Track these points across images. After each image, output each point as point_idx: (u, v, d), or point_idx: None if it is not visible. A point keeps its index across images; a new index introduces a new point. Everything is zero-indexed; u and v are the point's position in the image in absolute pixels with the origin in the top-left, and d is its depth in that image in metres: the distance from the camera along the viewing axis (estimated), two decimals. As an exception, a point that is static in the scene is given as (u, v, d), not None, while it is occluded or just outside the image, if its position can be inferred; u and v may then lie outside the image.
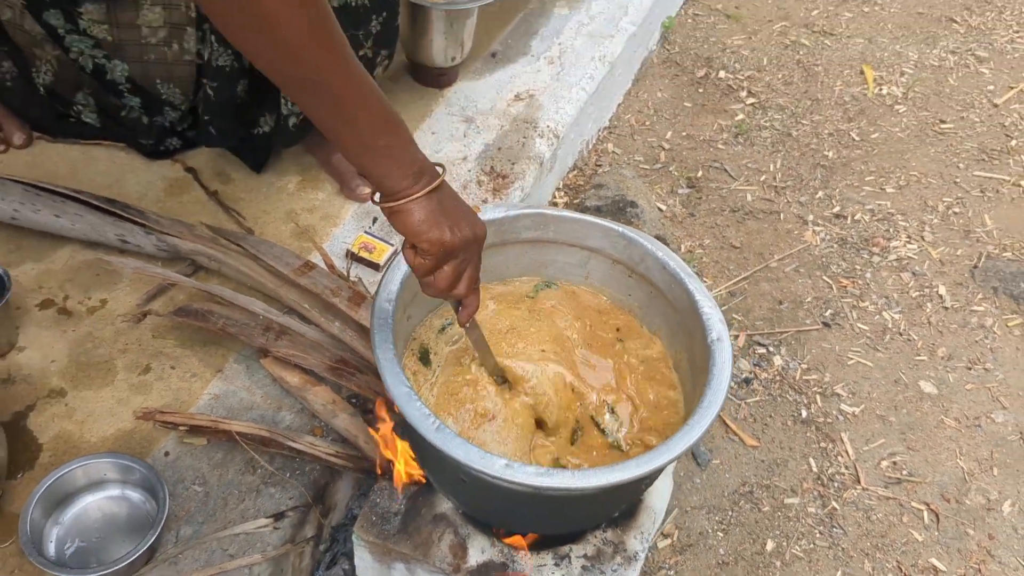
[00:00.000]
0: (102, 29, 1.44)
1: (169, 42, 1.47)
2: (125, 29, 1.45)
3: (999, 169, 2.03)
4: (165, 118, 1.57)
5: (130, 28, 1.45)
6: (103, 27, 1.44)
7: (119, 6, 1.43)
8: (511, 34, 1.89)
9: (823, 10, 2.39)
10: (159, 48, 1.48)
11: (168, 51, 1.48)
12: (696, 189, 1.91)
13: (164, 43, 1.47)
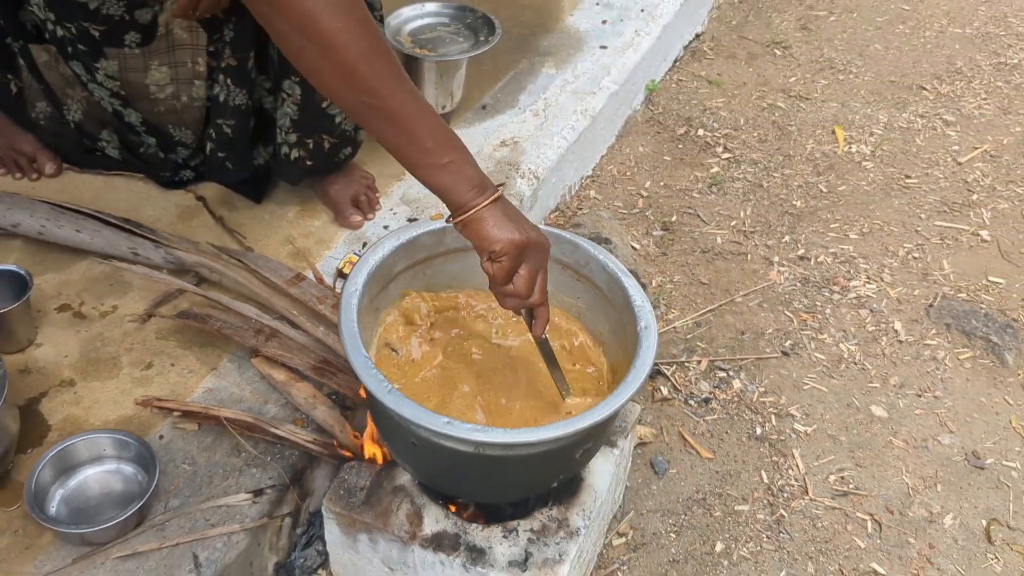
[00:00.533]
0: (115, 84, 1.60)
1: (178, 95, 1.63)
2: (135, 86, 1.60)
3: (959, 220, 2.16)
4: (178, 156, 1.75)
5: (139, 87, 1.60)
6: (115, 82, 1.60)
7: (128, 65, 1.58)
8: (501, 90, 2.07)
9: (800, 77, 2.56)
10: (168, 101, 1.63)
11: (177, 103, 1.64)
12: (670, 232, 2.06)
13: (173, 96, 1.63)
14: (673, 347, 1.82)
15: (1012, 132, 2.44)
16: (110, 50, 1.56)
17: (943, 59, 2.70)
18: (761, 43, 2.68)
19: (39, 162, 1.75)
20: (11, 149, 1.75)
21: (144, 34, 1.54)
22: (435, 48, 1.83)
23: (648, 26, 2.33)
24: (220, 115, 1.61)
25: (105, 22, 1.51)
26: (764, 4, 2.85)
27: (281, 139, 1.62)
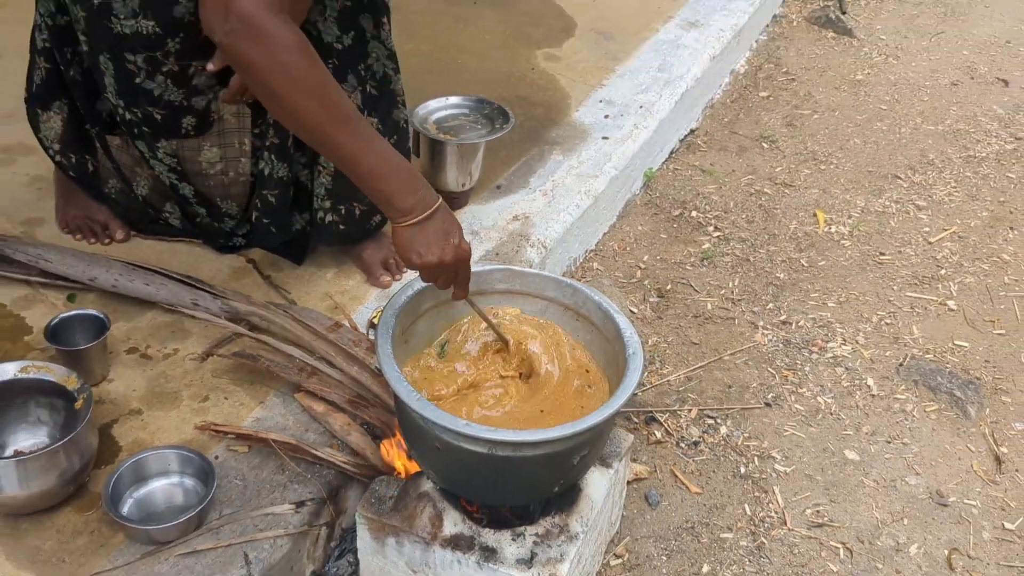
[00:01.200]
0: (172, 161, 1.86)
1: (226, 172, 1.89)
2: (189, 163, 1.86)
3: (929, 291, 2.38)
4: (225, 225, 2.00)
5: (193, 163, 1.86)
6: (173, 159, 1.86)
7: (184, 147, 1.84)
8: (514, 172, 2.33)
9: (785, 167, 2.82)
10: (217, 176, 1.89)
11: (225, 178, 1.90)
12: (664, 298, 2.29)
13: (222, 173, 1.89)
14: (667, 397, 2.02)
15: (979, 216, 2.68)
16: (168, 139, 1.82)
17: (917, 152, 2.96)
18: (751, 138, 2.96)
19: (111, 229, 2.01)
20: (87, 218, 2.01)
21: (199, 118, 1.80)
22: (457, 134, 2.10)
23: (646, 120, 2.61)
24: (265, 187, 1.87)
25: (166, 107, 1.77)
26: (754, 104, 3.14)
27: (318, 205, 1.88)
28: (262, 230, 1.91)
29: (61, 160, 1.94)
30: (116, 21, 1.65)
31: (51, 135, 1.92)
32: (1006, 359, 2.19)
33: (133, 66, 1.69)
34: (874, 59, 3.51)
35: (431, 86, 2.31)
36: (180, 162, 1.84)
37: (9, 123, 2.32)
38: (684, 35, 3.08)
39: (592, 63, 2.86)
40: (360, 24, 1.77)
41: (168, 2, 1.62)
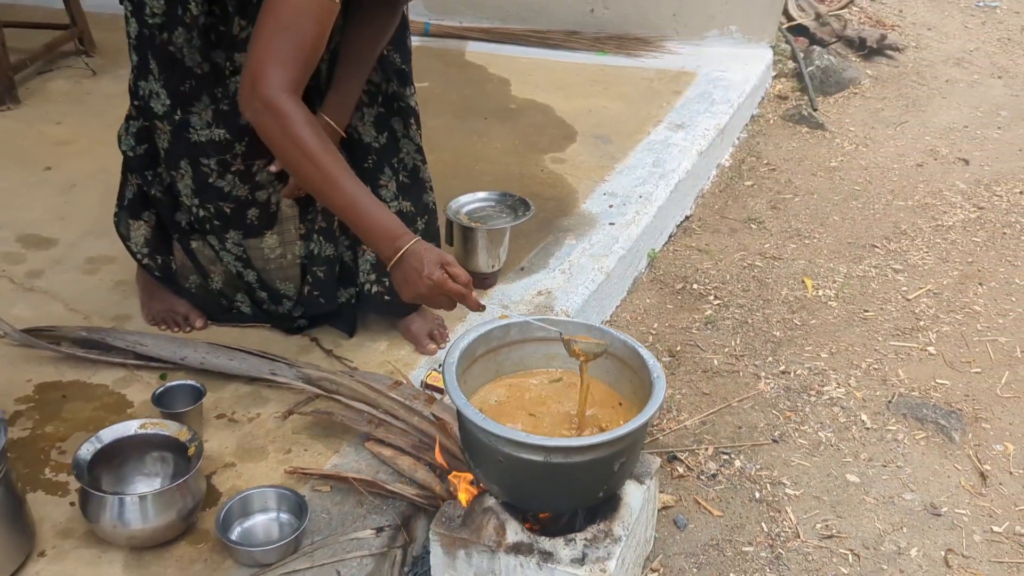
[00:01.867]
0: (239, 250, 2.19)
1: (284, 255, 2.22)
2: (254, 250, 2.20)
3: (910, 340, 2.67)
4: (284, 307, 2.30)
5: (257, 250, 2.20)
6: (239, 248, 2.19)
7: (248, 240, 2.19)
8: (535, 256, 2.65)
9: (773, 244, 3.15)
10: (277, 260, 2.22)
11: (283, 261, 2.23)
12: (675, 358, 2.57)
13: (280, 256, 2.22)
14: (685, 439, 2.28)
15: (950, 275, 2.99)
16: (235, 230, 2.15)
17: (890, 224, 3.30)
18: (740, 220, 3.30)
19: (191, 319, 2.31)
20: (170, 311, 2.31)
21: (261, 210, 2.14)
22: (485, 222, 2.43)
23: (646, 208, 2.95)
24: (315, 264, 2.19)
25: (235, 201, 2.11)
26: (740, 192, 3.50)
27: (364, 279, 2.20)
28: (312, 301, 2.22)
29: (148, 262, 2.26)
30: (194, 132, 2.01)
31: (140, 241, 2.24)
32: (983, 392, 2.46)
33: (207, 168, 2.04)
34: (846, 148, 3.89)
35: (455, 188, 2.64)
36: (246, 250, 2.17)
37: (90, 239, 2.65)
38: (673, 135, 3.46)
39: (594, 163, 3.22)
40: (392, 126, 2.14)
41: (236, 114, 1.98)
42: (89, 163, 3.03)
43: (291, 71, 1.64)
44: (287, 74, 1.63)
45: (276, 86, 1.62)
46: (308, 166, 1.67)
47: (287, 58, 1.63)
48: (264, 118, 1.65)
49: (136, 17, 1.96)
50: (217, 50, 1.96)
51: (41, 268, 2.51)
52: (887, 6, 5.51)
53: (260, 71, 1.63)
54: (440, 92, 3.73)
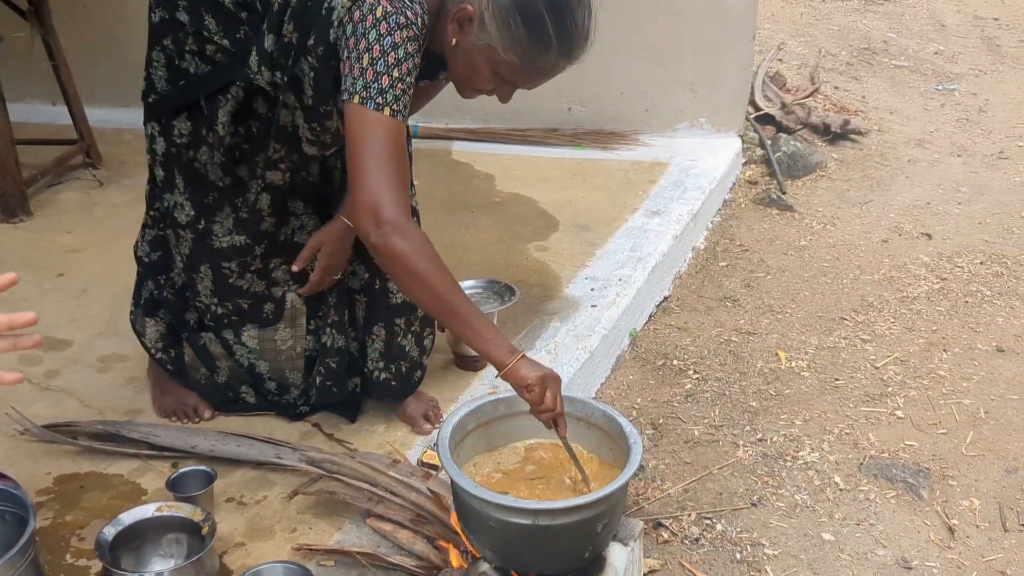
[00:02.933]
0: (254, 343, 2.36)
1: (294, 347, 2.39)
2: (267, 342, 2.37)
3: (879, 405, 2.82)
4: (291, 396, 2.46)
5: (270, 342, 2.37)
6: (254, 341, 2.36)
7: (263, 332, 2.36)
8: (523, 338, 2.82)
9: (747, 320, 3.33)
10: (288, 352, 2.39)
11: (293, 353, 2.40)
12: (658, 430, 2.72)
13: (291, 349, 2.39)
14: (669, 507, 2.41)
15: (916, 343, 3.17)
16: (252, 323, 2.33)
17: (858, 298, 3.48)
18: (716, 299, 3.48)
19: (200, 410, 2.45)
20: (180, 403, 2.45)
21: (276, 305, 2.32)
22: (474, 309, 2.60)
23: (625, 290, 3.13)
24: (328, 356, 2.35)
25: (252, 297, 2.29)
26: (715, 272, 3.69)
27: (372, 367, 2.35)
28: (325, 391, 2.37)
29: (162, 356, 2.42)
30: (216, 239, 2.19)
31: (154, 337, 2.41)
32: (949, 452, 2.61)
33: (228, 270, 2.22)
34: (814, 228, 4.10)
35: (446, 277, 2.82)
36: (260, 342, 2.33)
37: (102, 339, 2.81)
38: (649, 222, 3.66)
39: (576, 250, 3.42)
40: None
41: (257, 221, 2.17)
42: (99, 268, 3.22)
43: (403, 194, 1.78)
44: (402, 197, 1.78)
45: (398, 209, 1.75)
46: (434, 282, 1.78)
47: (396, 182, 1.77)
48: (393, 239, 1.75)
49: (164, 137, 2.15)
50: (240, 165, 2.16)
51: (57, 368, 2.66)
52: (850, 93, 5.81)
53: (379, 199, 1.75)
54: (430, 189, 3.95)
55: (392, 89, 1.78)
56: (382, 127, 1.78)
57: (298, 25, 1.90)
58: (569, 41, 1.84)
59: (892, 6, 7.84)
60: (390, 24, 1.78)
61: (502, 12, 1.79)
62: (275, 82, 1.99)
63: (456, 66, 1.93)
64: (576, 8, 1.82)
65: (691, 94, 4.50)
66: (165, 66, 2.12)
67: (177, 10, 2.05)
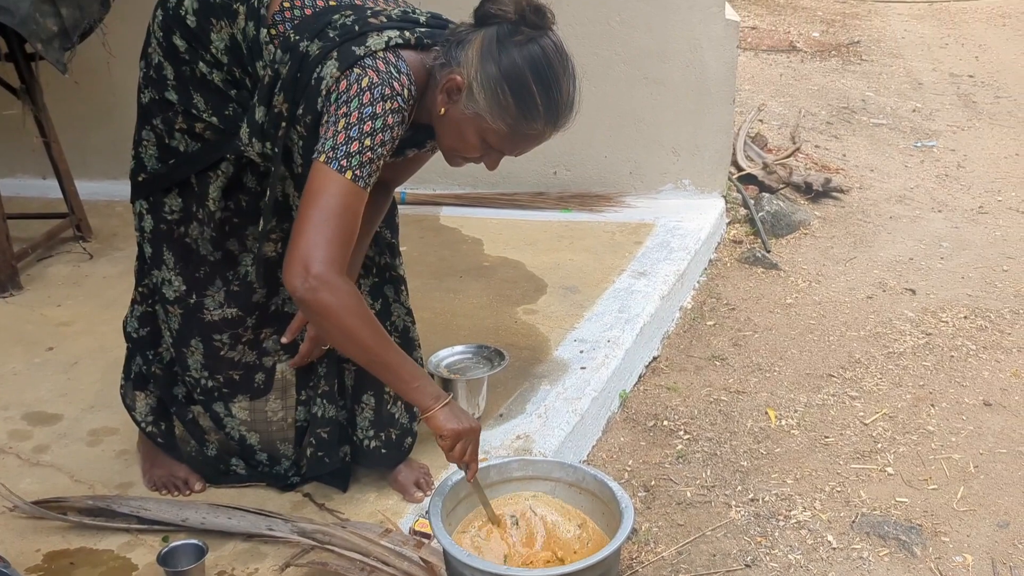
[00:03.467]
0: (244, 414, 2.37)
1: (285, 418, 2.39)
2: (258, 413, 2.37)
3: (870, 462, 2.83)
4: (281, 467, 2.45)
5: (261, 412, 2.37)
6: (245, 413, 2.37)
7: (254, 403, 2.37)
8: (512, 402, 2.83)
9: (736, 379, 3.35)
10: (278, 423, 2.39)
11: (284, 424, 2.40)
12: (650, 492, 2.72)
13: (282, 420, 2.39)
14: (663, 570, 2.40)
15: (904, 399, 3.19)
16: (243, 394, 2.34)
17: (845, 354, 3.51)
18: (704, 358, 3.50)
19: (190, 483, 2.44)
20: (171, 476, 2.44)
21: (267, 375, 2.33)
22: (464, 374, 2.62)
23: (614, 352, 3.15)
24: (319, 426, 2.35)
25: (243, 368, 2.30)
26: (703, 332, 3.72)
27: (362, 435, 2.36)
28: (316, 462, 2.36)
29: (152, 430, 2.42)
30: (208, 312, 2.21)
31: (144, 411, 2.41)
32: (941, 508, 2.61)
33: (219, 343, 2.24)
34: (799, 285, 4.15)
35: (436, 343, 2.84)
36: (251, 413, 2.33)
37: (92, 413, 2.81)
38: (636, 283, 3.70)
39: (564, 312, 3.44)
40: (385, 293, 2.36)
41: (248, 293, 2.19)
42: (89, 342, 3.23)
43: (340, 252, 1.83)
44: (337, 255, 1.82)
45: (329, 265, 1.80)
46: (362, 336, 1.84)
47: (335, 240, 1.82)
48: (321, 294, 1.80)
49: (153, 214, 2.19)
50: (231, 239, 2.20)
51: (47, 443, 2.65)
52: (831, 152, 5.92)
53: (312, 253, 1.80)
54: (419, 255, 3.99)
55: (359, 155, 1.83)
56: (338, 186, 1.82)
57: (288, 95, 1.94)
58: (556, 110, 1.89)
59: (869, 66, 8.03)
60: (373, 95, 1.83)
61: (490, 82, 1.84)
62: (265, 153, 2.04)
63: (444, 135, 1.97)
64: (562, 78, 1.87)
65: (674, 156, 4.58)
66: (156, 145, 2.16)
67: (166, 89, 2.09)
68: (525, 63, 1.83)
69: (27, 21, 3.44)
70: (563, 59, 1.88)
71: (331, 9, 1.95)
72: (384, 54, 1.87)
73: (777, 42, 8.67)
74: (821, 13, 10.10)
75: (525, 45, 1.83)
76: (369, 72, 1.84)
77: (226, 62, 2.04)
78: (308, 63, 1.89)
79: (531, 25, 1.84)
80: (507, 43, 1.83)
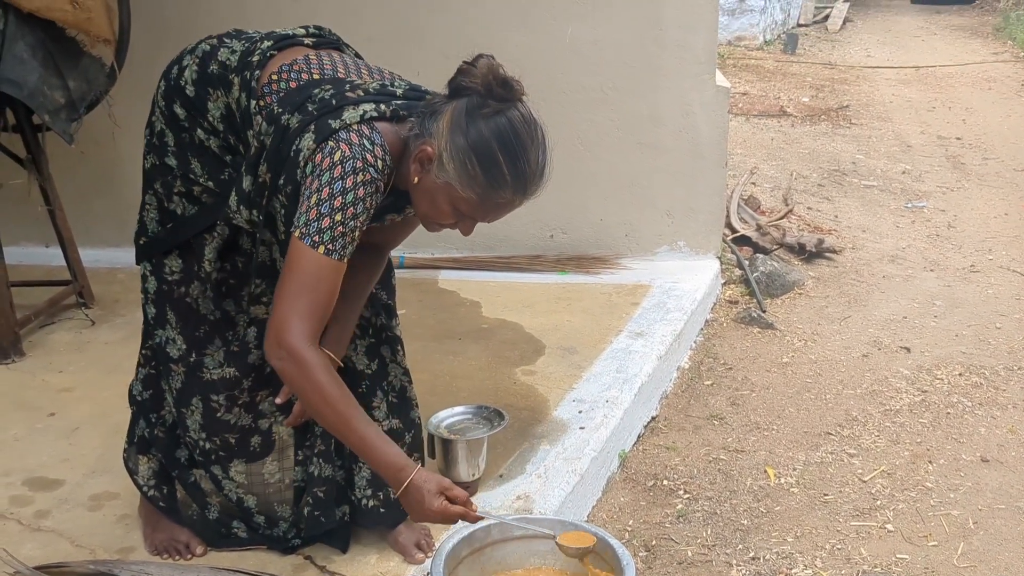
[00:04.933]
0: (241, 477, 2.38)
1: (282, 479, 2.41)
2: (255, 476, 2.39)
3: (869, 519, 2.84)
4: (280, 529, 2.46)
5: (258, 475, 2.39)
6: (242, 476, 2.38)
7: (251, 466, 2.39)
8: (512, 463, 2.84)
9: (735, 438, 3.37)
10: (275, 484, 2.41)
11: (282, 485, 2.41)
12: (651, 552, 2.72)
13: (279, 481, 2.40)
14: (665, 630, 2.40)
15: (902, 456, 3.21)
16: (239, 458, 2.36)
17: (842, 412, 3.54)
18: (703, 418, 3.52)
19: (191, 546, 2.44)
20: (172, 539, 2.44)
21: (263, 437, 2.36)
22: (463, 434, 2.64)
23: (613, 412, 3.17)
24: (315, 485, 2.36)
25: (239, 431, 2.33)
26: (701, 391, 3.75)
27: (360, 495, 2.37)
28: (313, 521, 2.37)
29: (154, 494, 2.43)
30: (207, 371, 2.26)
31: (147, 475, 2.43)
32: (941, 564, 2.62)
33: (216, 403, 2.27)
34: (795, 344, 4.19)
35: (435, 404, 2.87)
36: (248, 476, 2.35)
37: (93, 478, 2.82)
38: (633, 343, 3.74)
39: (562, 373, 3.47)
40: (381, 353, 2.40)
41: (244, 354, 2.25)
42: (91, 408, 3.25)
43: (311, 324, 1.91)
44: (308, 327, 1.90)
45: (299, 337, 1.88)
46: (325, 407, 1.92)
47: (307, 313, 1.90)
48: (288, 365, 1.89)
49: (156, 275, 2.25)
50: (227, 300, 2.26)
51: (48, 508, 2.66)
52: (823, 213, 6.01)
53: (284, 325, 1.89)
54: (417, 318, 4.03)
55: (331, 230, 1.90)
56: (310, 262, 1.90)
57: (271, 166, 2.01)
58: (523, 179, 1.95)
59: (859, 129, 8.18)
60: (344, 168, 1.90)
61: (459, 153, 1.90)
62: (252, 220, 2.10)
63: (419, 202, 2.04)
64: (529, 148, 1.93)
65: (668, 219, 4.66)
66: (156, 208, 2.24)
67: (166, 155, 2.17)
68: (492, 135, 1.89)
69: (35, 94, 3.53)
70: (531, 129, 1.94)
71: (313, 83, 2.03)
72: (359, 127, 1.94)
73: (768, 107, 8.84)
74: (810, 79, 10.31)
75: (492, 117, 1.90)
76: (342, 145, 1.91)
77: (222, 129, 2.12)
78: (288, 135, 1.97)
79: (498, 98, 1.91)
80: (475, 115, 1.90)
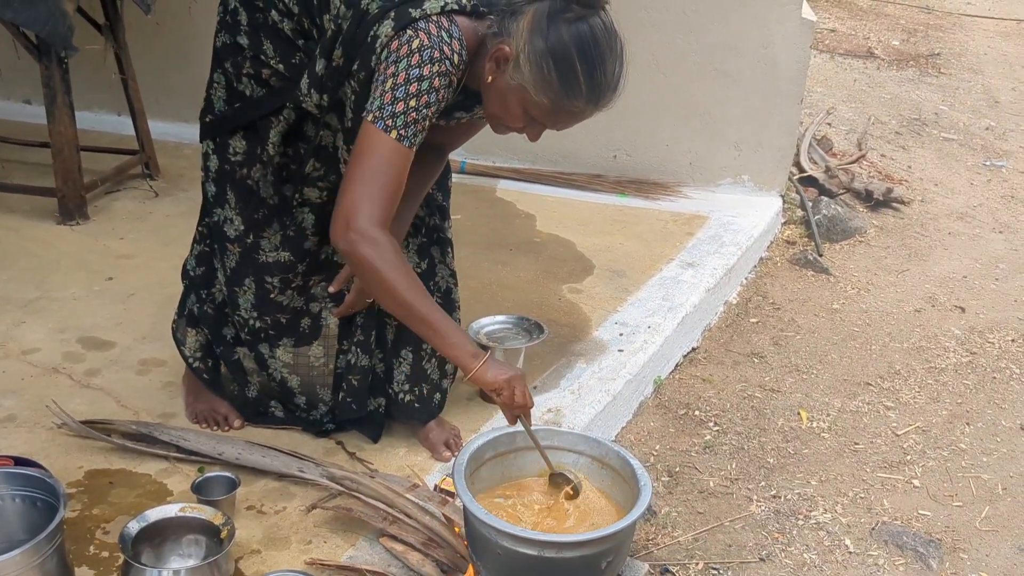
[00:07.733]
0: (288, 357, 2.45)
1: (326, 364, 2.47)
2: (301, 357, 2.45)
3: (897, 473, 2.83)
4: (318, 412, 2.53)
5: (304, 357, 2.46)
6: (289, 355, 2.45)
7: (298, 347, 2.45)
8: (548, 376, 2.88)
9: (773, 377, 3.35)
10: (319, 368, 2.48)
11: (325, 370, 2.48)
12: (673, 478, 2.75)
13: (323, 365, 2.47)
14: (678, 554, 2.44)
15: (939, 415, 3.17)
16: (288, 338, 2.42)
17: (885, 365, 3.50)
18: (743, 354, 3.51)
19: (230, 419, 2.53)
20: (212, 411, 2.54)
21: (312, 320, 2.42)
22: (502, 343, 2.67)
23: (654, 338, 3.18)
24: (351, 373, 2.43)
25: (291, 312, 2.39)
26: (745, 328, 3.72)
27: (397, 388, 2.43)
28: (345, 407, 2.45)
29: (199, 366, 2.51)
30: (263, 253, 2.30)
31: (193, 347, 2.51)
32: (963, 525, 2.61)
33: (270, 285, 2.32)
34: (848, 292, 4.12)
35: (478, 311, 2.90)
36: (295, 356, 2.42)
37: (143, 343, 2.92)
38: (683, 273, 3.72)
39: (608, 295, 3.48)
40: (431, 253, 2.43)
41: (300, 240, 2.27)
42: (147, 276, 3.34)
43: (381, 208, 1.92)
44: (379, 211, 1.91)
45: (370, 220, 1.90)
46: (396, 289, 1.92)
47: (378, 197, 1.91)
48: (361, 247, 1.90)
49: (218, 155, 2.27)
50: (287, 184, 2.29)
51: (98, 368, 2.77)
52: (896, 162, 5.83)
53: (355, 208, 1.90)
54: (472, 224, 4.04)
55: (404, 115, 1.90)
56: (383, 145, 1.91)
57: (346, 51, 2.01)
58: (598, 90, 1.92)
59: (947, 79, 7.86)
60: (422, 57, 1.89)
61: (536, 56, 1.87)
62: (322, 105, 2.11)
63: (490, 102, 2.02)
64: (607, 58, 1.90)
65: (736, 152, 4.57)
66: (225, 88, 2.24)
67: (239, 34, 2.17)
68: (571, 41, 1.86)
69: (116, -40, 3.54)
70: (611, 40, 1.90)
71: None
72: (438, 18, 1.92)
73: (855, 47, 8.52)
74: (904, 22, 9.88)
75: (574, 23, 1.86)
76: (420, 34, 1.89)
77: (297, 12, 2.11)
78: (367, 21, 1.95)
79: (582, 4, 1.87)
80: (557, 19, 1.87)
